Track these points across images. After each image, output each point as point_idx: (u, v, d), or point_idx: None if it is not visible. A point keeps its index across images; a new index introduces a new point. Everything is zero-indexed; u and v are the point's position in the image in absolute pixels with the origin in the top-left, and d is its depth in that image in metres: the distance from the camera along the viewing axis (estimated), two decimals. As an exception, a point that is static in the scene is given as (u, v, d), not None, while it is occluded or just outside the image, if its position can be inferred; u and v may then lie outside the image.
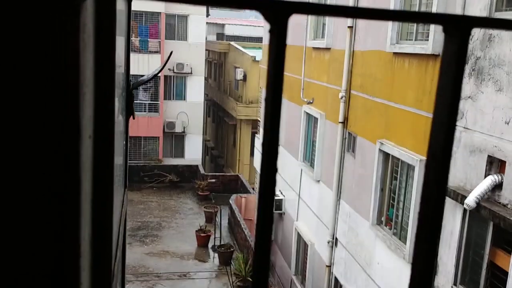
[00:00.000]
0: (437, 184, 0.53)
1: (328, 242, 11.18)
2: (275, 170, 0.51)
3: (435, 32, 7.33)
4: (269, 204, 0.49)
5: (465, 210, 6.51)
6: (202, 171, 24.39)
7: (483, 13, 6.40)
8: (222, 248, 16.38)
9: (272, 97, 0.50)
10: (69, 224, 0.55)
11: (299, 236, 13.37)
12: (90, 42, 0.59)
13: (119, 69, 1.47)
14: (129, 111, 1.55)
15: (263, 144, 0.52)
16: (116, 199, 1.22)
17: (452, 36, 0.53)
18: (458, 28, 0.53)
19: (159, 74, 24.77)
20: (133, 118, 1.60)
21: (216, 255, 16.59)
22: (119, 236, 1.25)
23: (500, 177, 6.04)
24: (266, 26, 0.49)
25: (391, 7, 8.54)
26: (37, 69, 0.47)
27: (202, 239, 17.29)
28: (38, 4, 0.46)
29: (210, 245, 17.36)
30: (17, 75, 0.47)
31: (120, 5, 1.43)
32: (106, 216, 0.76)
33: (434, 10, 7.36)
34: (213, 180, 22.62)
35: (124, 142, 1.56)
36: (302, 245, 13.21)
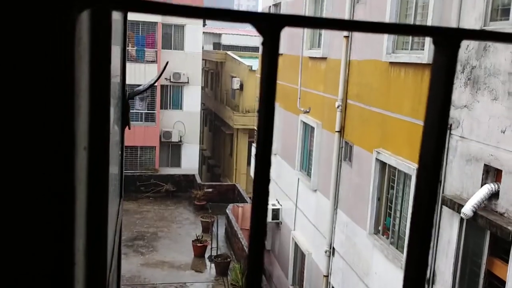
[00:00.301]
0: (429, 193, 0.53)
1: (326, 252, 11.16)
2: (268, 180, 0.52)
3: (431, 42, 7.37)
4: (262, 214, 0.49)
5: (462, 219, 6.52)
6: (198, 180, 24.36)
7: (478, 23, 6.46)
8: (219, 258, 16.31)
9: (265, 110, 0.50)
10: (63, 233, 0.55)
11: (296, 246, 13.33)
12: (85, 54, 0.59)
13: (115, 78, 1.48)
14: (124, 121, 1.55)
15: (256, 155, 0.52)
16: (111, 209, 1.22)
17: (442, 48, 0.54)
18: (447, 40, 0.54)
19: (155, 84, 24.81)
20: (129, 128, 1.60)
21: (213, 265, 16.52)
22: (114, 246, 1.25)
23: (496, 186, 6.05)
24: (260, 38, 0.50)
25: (387, 17, 8.61)
26: (32, 81, 0.48)
27: (199, 249, 17.22)
28: (32, 18, 0.46)
29: (206, 255, 17.28)
30: (12, 87, 0.48)
31: (116, 15, 1.44)
32: (101, 226, 0.76)
33: (429, 19, 7.42)
34: (210, 190, 22.58)
35: (120, 152, 1.56)
36: (299, 255, 13.17)
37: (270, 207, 14.78)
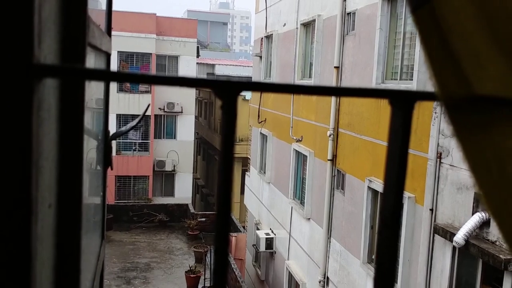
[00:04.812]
0: (389, 255, 0.54)
1: (320, 282, 11.03)
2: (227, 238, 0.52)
3: (419, 72, 7.49)
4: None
5: (454, 247, 6.49)
6: (192, 210, 24.20)
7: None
8: (213, 289, 16.07)
9: (224, 167, 0.52)
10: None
11: (290, 276, 13.18)
12: (51, 115, 0.60)
13: (97, 120, 1.49)
14: (107, 162, 1.56)
15: (217, 215, 0.53)
16: (89, 254, 1.22)
17: (398, 109, 0.56)
18: (402, 102, 0.55)
19: (149, 113, 24.90)
20: (111, 169, 1.61)
21: (207, 296, 16.27)
22: (93, 291, 1.23)
23: (487, 214, 6.06)
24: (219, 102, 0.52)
25: (376, 48, 8.75)
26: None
27: (192, 280, 16.98)
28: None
29: (200, 286, 17.04)
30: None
31: (100, 58, 1.46)
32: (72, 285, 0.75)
33: (417, 50, 7.55)
34: (203, 219, 22.42)
35: (102, 193, 1.56)
36: (294, 285, 13.01)
37: (264, 236, 14.66)
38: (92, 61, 1.10)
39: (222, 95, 0.50)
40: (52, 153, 0.61)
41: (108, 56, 1.49)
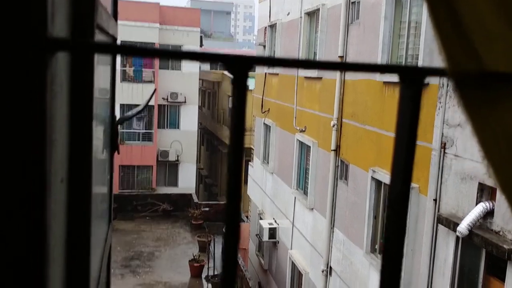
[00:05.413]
0: (396, 239, 0.55)
1: (323, 271, 11.08)
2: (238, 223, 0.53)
3: (424, 61, 7.45)
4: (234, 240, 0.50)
5: (458, 237, 6.50)
6: (195, 199, 24.28)
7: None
8: (216, 278, 16.18)
9: (234, 147, 0.52)
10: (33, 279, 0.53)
11: (293, 265, 13.24)
12: (62, 90, 0.61)
13: (104, 104, 1.50)
14: (113, 146, 1.57)
15: (227, 192, 0.54)
16: (97, 237, 1.23)
17: (408, 85, 0.56)
18: (412, 78, 0.56)
19: (152, 103, 24.90)
20: (118, 153, 1.62)
21: (210, 285, 16.37)
22: (100, 274, 1.24)
23: (491, 204, 6.06)
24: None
25: (380, 37, 8.71)
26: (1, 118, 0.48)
27: (196, 269, 17.08)
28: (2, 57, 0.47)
29: (203, 275, 17.14)
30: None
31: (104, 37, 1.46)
32: (83, 261, 0.76)
33: (422, 39, 7.50)
34: (207, 209, 22.50)
35: (109, 177, 1.57)
36: (297, 274, 13.07)
37: (267, 226, 14.71)
38: (100, 43, 1.10)
39: (233, 70, 0.51)
40: (63, 127, 0.62)
41: (114, 40, 1.50)
